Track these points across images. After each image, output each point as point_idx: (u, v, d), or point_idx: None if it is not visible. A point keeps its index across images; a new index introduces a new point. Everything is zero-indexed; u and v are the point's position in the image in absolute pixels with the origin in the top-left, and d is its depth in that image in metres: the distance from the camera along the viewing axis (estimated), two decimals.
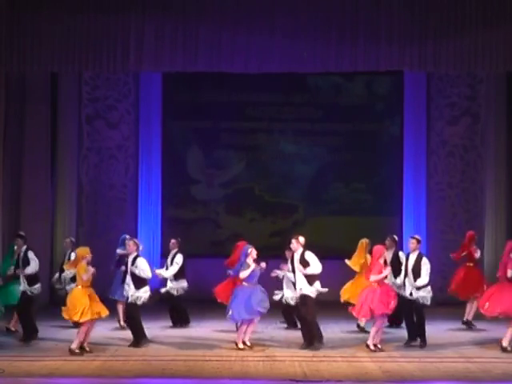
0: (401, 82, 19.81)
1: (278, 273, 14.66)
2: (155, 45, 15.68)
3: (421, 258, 13.65)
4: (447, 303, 16.31)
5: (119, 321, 15.41)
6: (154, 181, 20.01)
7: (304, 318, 13.59)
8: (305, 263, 13.44)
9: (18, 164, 18.72)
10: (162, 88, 20.06)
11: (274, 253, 15.79)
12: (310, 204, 20.31)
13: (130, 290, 13.69)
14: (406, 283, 13.66)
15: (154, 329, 15.27)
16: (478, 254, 15.63)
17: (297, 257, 13.55)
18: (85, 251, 13.56)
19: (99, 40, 15.65)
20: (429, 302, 13.67)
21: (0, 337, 14.44)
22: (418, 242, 13.85)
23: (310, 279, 13.45)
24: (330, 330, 15.46)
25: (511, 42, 15.48)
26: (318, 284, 13.53)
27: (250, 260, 13.46)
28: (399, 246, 16.12)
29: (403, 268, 13.81)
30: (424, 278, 13.45)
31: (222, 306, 13.82)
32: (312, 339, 13.45)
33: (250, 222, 20.33)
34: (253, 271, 13.39)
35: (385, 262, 13.79)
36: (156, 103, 20.03)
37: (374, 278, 13.40)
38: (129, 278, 13.73)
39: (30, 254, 14.32)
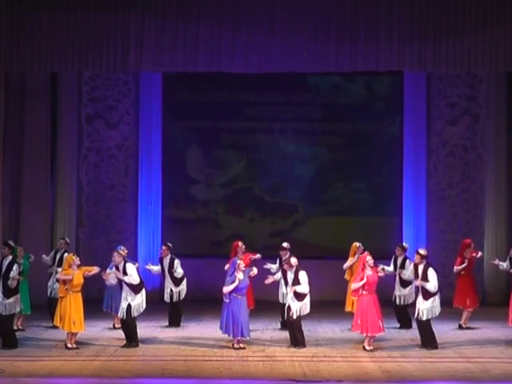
0: (401, 82, 19.81)
1: (270, 266, 15.33)
2: (155, 45, 15.69)
3: (427, 269, 13.56)
4: (447, 303, 16.29)
5: (114, 325, 15.37)
6: (154, 181, 20.01)
7: (290, 323, 13.72)
8: (297, 282, 13.55)
9: (18, 164, 18.73)
10: (162, 88, 20.06)
11: (274, 253, 15.78)
12: (309, 204, 20.30)
13: (130, 300, 13.63)
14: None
15: (154, 329, 15.29)
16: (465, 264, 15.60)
17: (291, 275, 13.65)
18: (70, 258, 13.67)
19: (99, 40, 15.67)
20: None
21: None
22: (422, 256, 13.69)
23: (300, 296, 13.52)
24: (330, 329, 15.48)
25: (511, 42, 15.49)
26: (307, 299, 13.56)
27: (238, 273, 13.46)
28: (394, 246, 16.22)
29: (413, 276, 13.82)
30: (431, 284, 13.43)
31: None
32: (296, 342, 13.56)
33: (250, 222, 20.32)
34: (240, 283, 13.42)
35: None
36: (156, 103, 20.03)
37: (354, 286, 13.52)
38: (126, 288, 13.66)
39: (15, 267, 13.65)
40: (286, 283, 13.82)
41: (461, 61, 15.63)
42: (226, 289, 13.37)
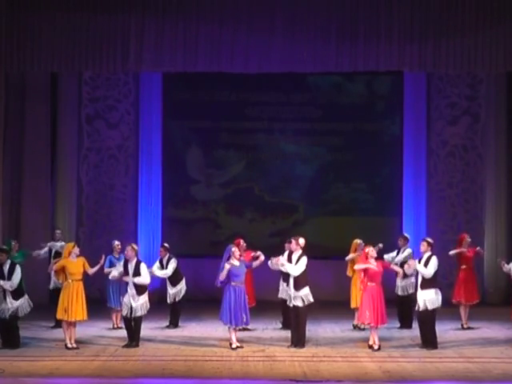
0: (401, 82, 19.82)
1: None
2: (155, 45, 15.72)
3: (430, 258, 13.61)
4: (447, 303, 16.32)
5: (114, 325, 15.36)
6: (154, 181, 20.01)
7: (295, 317, 13.60)
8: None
9: (18, 164, 18.74)
10: (162, 88, 20.07)
11: (274, 253, 15.75)
12: (309, 204, 20.30)
13: (133, 301, 13.52)
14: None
15: (154, 329, 15.29)
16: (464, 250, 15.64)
17: (294, 257, 13.56)
18: (70, 246, 13.65)
19: (99, 40, 15.69)
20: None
21: None
22: (429, 244, 13.78)
23: (298, 283, 13.41)
24: (330, 329, 15.48)
25: (511, 42, 15.49)
26: (306, 289, 13.44)
27: (233, 260, 13.38)
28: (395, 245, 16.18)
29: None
30: (429, 269, 13.44)
31: None
32: (298, 341, 13.47)
33: (250, 222, 20.32)
34: (234, 269, 13.32)
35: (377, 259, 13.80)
36: (156, 103, 20.04)
37: (357, 266, 13.65)
38: (132, 288, 13.56)
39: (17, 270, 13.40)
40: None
41: (461, 61, 15.65)
42: (221, 276, 13.28)
